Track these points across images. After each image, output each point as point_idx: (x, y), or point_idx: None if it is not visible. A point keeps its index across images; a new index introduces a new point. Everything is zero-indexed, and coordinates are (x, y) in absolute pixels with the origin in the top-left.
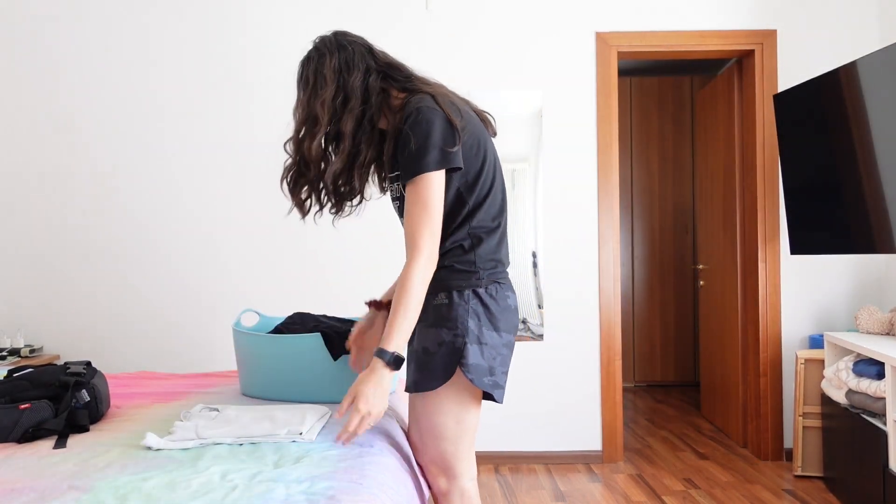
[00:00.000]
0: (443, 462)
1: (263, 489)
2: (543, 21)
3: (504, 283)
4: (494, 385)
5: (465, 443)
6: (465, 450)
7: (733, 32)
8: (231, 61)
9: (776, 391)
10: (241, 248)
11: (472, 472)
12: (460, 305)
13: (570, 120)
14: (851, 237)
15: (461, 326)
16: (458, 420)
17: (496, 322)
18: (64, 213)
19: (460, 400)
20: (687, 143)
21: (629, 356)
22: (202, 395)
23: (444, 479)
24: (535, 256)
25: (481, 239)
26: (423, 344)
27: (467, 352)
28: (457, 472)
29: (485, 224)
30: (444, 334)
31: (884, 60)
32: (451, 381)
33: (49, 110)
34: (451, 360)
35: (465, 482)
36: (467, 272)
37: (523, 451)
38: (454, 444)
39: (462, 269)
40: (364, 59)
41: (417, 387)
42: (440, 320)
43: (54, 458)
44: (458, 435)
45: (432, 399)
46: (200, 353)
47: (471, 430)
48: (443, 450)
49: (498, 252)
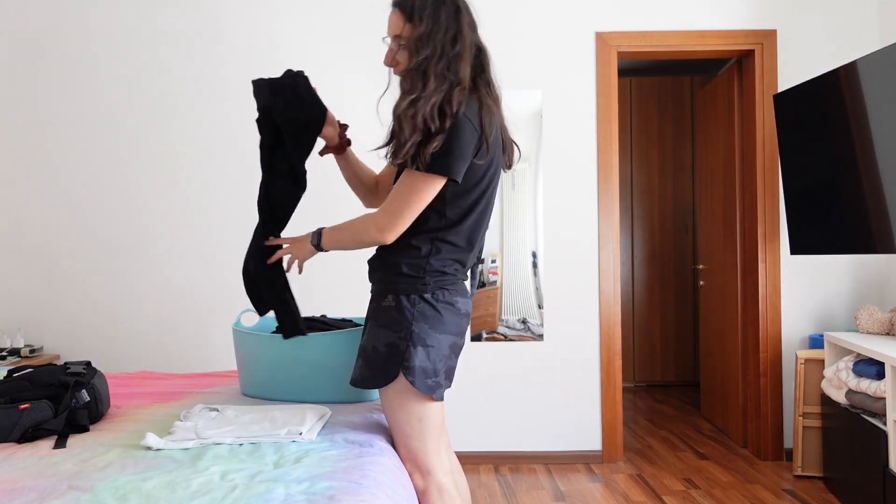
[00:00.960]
0: (414, 458)
1: (263, 489)
2: (543, 21)
3: (452, 290)
4: (436, 386)
5: (432, 439)
6: (432, 445)
7: (733, 32)
8: (233, 61)
9: (776, 391)
10: (241, 248)
11: (445, 466)
12: (406, 309)
13: (570, 120)
14: (851, 237)
15: (405, 330)
16: (419, 417)
17: (442, 325)
18: (64, 213)
19: (416, 398)
20: (687, 143)
21: (629, 356)
22: (202, 395)
23: (419, 476)
24: (535, 256)
25: (440, 251)
26: (373, 343)
27: (409, 354)
28: (429, 467)
29: (455, 242)
30: (390, 336)
31: (884, 60)
32: (401, 381)
33: (49, 110)
34: (393, 361)
35: (440, 477)
36: (413, 277)
37: (523, 451)
38: (420, 441)
39: (408, 274)
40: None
41: (363, 383)
42: (388, 322)
43: (54, 458)
44: (421, 431)
45: (391, 397)
46: (200, 353)
47: (433, 426)
48: (411, 446)
49: (456, 270)
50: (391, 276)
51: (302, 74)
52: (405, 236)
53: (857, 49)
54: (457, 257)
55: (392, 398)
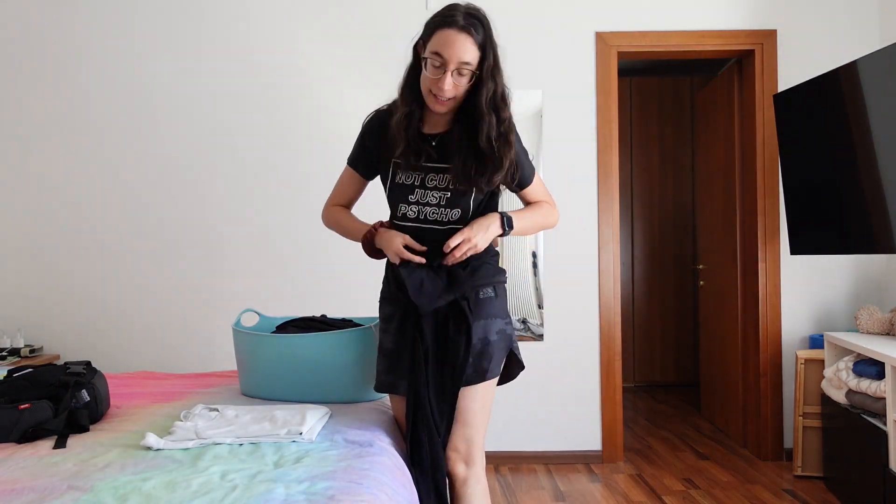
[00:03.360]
0: (465, 449)
1: (263, 489)
2: (543, 21)
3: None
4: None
5: (484, 431)
6: (483, 437)
7: (733, 32)
8: (235, 61)
9: (776, 391)
10: (241, 247)
11: (484, 461)
12: (502, 298)
13: (570, 120)
14: (851, 237)
15: (509, 316)
16: (483, 405)
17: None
18: (64, 213)
19: (491, 388)
20: (687, 143)
21: (629, 356)
22: (202, 395)
23: (464, 466)
24: (535, 256)
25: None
26: (482, 335)
27: (514, 336)
28: (475, 458)
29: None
30: (500, 324)
31: (884, 60)
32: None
33: (49, 109)
34: (505, 346)
35: (479, 470)
36: (501, 270)
37: (523, 451)
38: (478, 432)
39: (498, 267)
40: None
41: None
42: (494, 311)
43: (54, 458)
44: (482, 422)
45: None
46: (200, 353)
47: (489, 417)
48: (468, 437)
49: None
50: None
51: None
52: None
53: (857, 49)
54: None
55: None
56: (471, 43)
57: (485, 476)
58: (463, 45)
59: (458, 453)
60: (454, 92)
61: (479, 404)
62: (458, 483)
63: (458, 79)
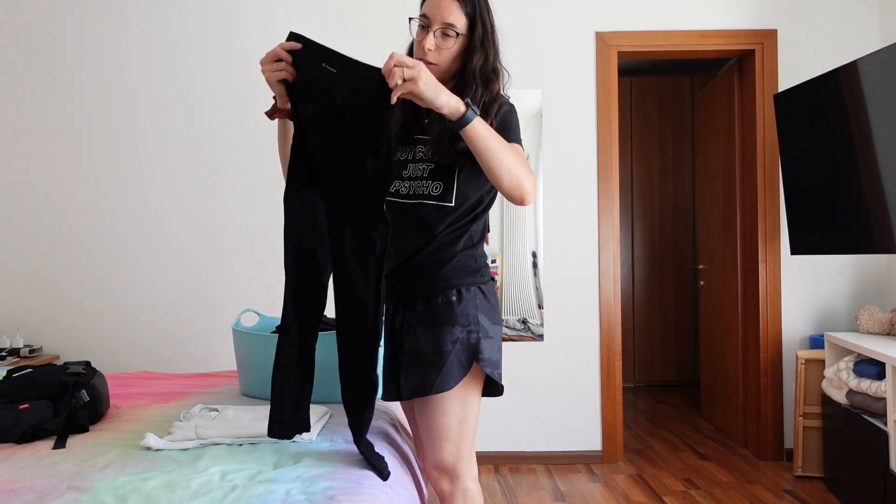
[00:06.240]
0: (445, 464)
1: (263, 489)
2: (543, 21)
3: (492, 281)
4: (500, 377)
5: (468, 443)
6: (466, 450)
7: (733, 32)
8: (233, 61)
9: (776, 391)
10: (241, 248)
11: (474, 472)
12: (469, 301)
13: (570, 120)
14: (851, 237)
15: (472, 323)
16: (461, 419)
17: (494, 316)
18: (63, 214)
19: (465, 399)
20: (687, 143)
21: (629, 356)
22: (202, 395)
23: (448, 481)
24: (535, 256)
25: (482, 237)
26: (433, 344)
27: (482, 346)
28: (459, 472)
29: (485, 224)
30: (458, 332)
31: (884, 60)
32: (467, 379)
33: (48, 111)
34: (466, 356)
35: (468, 482)
36: (473, 269)
37: (523, 451)
38: (457, 445)
39: (468, 266)
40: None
41: (438, 387)
42: (451, 319)
43: (54, 458)
44: (460, 435)
45: (436, 400)
46: (200, 353)
47: (472, 429)
48: (446, 452)
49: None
50: (451, 273)
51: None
52: (461, 223)
53: (857, 49)
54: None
55: (444, 400)
56: (457, 7)
57: (476, 486)
58: (448, 7)
59: (438, 470)
60: (437, 54)
61: (454, 419)
62: (444, 500)
63: (441, 41)
